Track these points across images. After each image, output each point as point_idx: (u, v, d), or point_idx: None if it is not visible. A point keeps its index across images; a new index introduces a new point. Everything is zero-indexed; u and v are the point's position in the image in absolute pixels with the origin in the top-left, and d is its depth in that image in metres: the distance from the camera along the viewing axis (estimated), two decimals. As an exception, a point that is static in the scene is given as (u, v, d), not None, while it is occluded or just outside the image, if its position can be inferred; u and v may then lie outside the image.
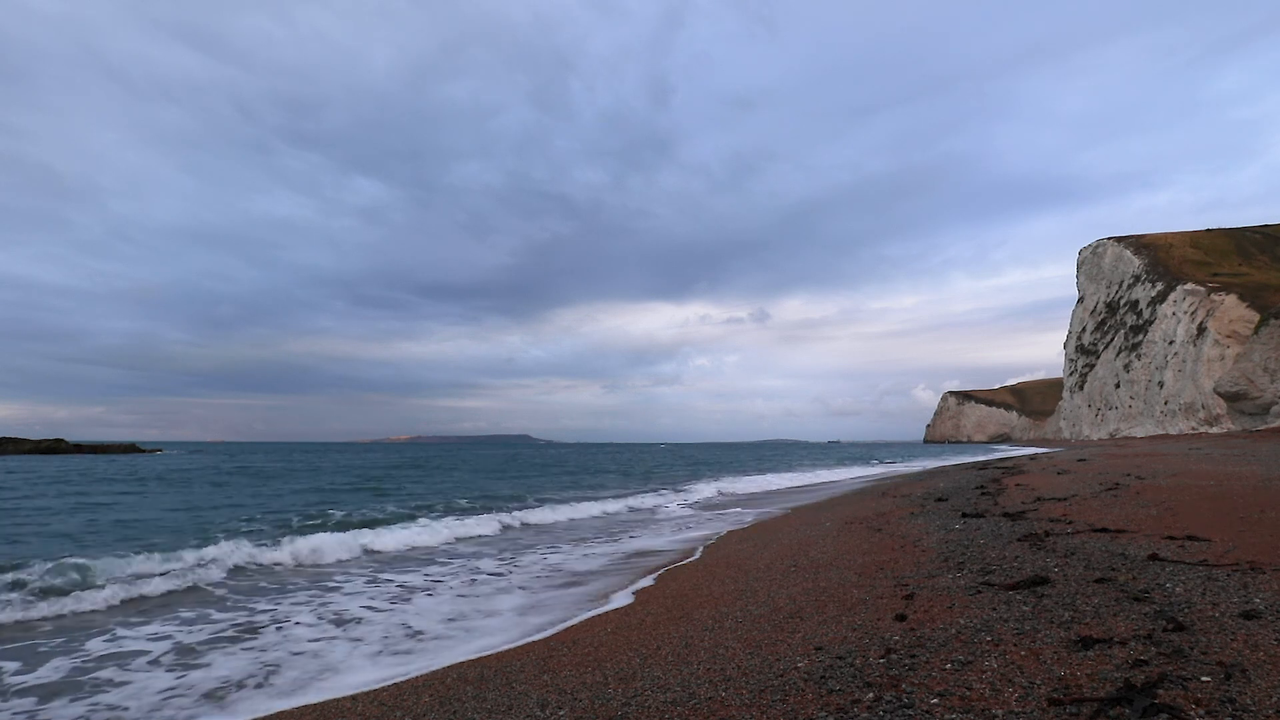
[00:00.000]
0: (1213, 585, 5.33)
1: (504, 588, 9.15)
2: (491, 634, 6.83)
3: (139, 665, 6.17)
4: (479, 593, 8.89)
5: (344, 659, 6.17)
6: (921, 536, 9.40)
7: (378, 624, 7.40)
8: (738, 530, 13.76)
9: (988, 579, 6.22)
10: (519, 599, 8.42)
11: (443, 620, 7.49)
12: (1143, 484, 14.56)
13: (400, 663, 6.00)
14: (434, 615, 7.72)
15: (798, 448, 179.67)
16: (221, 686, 5.54)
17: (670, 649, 5.25)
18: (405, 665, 5.89)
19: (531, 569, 10.50)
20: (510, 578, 9.83)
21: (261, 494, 24.98)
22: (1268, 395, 65.97)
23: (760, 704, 3.83)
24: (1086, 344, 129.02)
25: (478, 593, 8.89)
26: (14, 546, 12.43)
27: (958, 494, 16.00)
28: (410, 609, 8.07)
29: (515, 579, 9.72)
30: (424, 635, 6.92)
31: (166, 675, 5.88)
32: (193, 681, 5.70)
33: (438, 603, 8.37)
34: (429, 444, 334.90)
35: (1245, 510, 9.49)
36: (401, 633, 7.04)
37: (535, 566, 10.71)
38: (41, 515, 17.56)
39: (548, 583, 9.38)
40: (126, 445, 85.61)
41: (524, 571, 10.32)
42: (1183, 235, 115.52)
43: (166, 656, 6.41)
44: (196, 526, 15.43)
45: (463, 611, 7.86)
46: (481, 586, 9.29)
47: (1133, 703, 3.23)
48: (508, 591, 8.89)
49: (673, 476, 36.49)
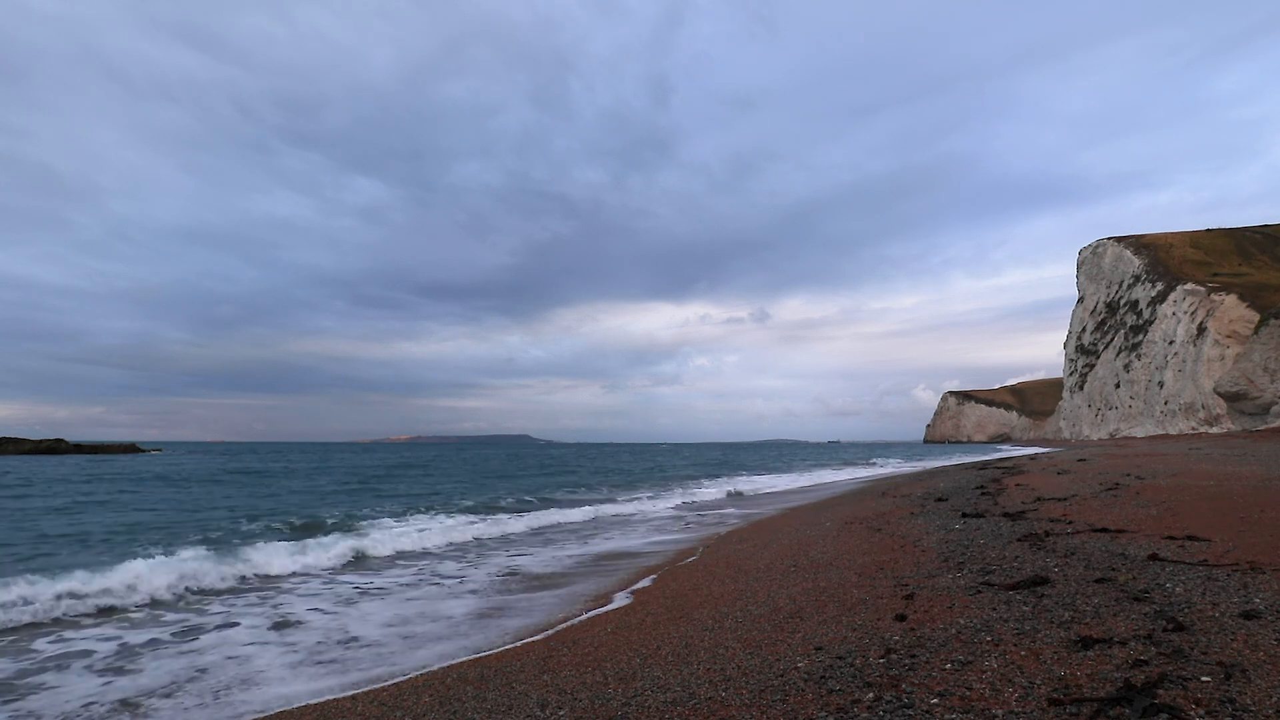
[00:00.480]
0: (1213, 585, 5.32)
1: (456, 591, 9.04)
2: (431, 643, 6.68)
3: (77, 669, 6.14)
4: (428, 595, 8.81)
5: (265, 668, 6.02)
6: (921, 536, 9.40)
7: (316, 629, 7.30)
8: (737, 530, 13.76)
9: (988, 579, 6.22)
10: (471, 604, 8.28)
11: (382, 625, 7.37)
12: (1143, 484, 14.56)
13: (324, 674, 5.84)
14: (376, 620, 7.59)
15: (798, 448, 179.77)
16: (140, 695, 5.43)
17: (670, 649, 5.25)
18: (327, 680, 5.69)
19: (491, 571, 10.38)
20: (467, 581, 9.68)
21: (232, 498, 24.39)
22: (1268, 395, 65.97)
23: (760, 704, 3.83)
24: (1086, 344, 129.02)
25: (427, 595, 8.81)
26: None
27: (958, 494, 16.00)
28: (354, 613, 7.98)
29: (471, 583, 9.57)
30: (357, 643, 6.76)
31: (96, 679, 5.85)
32: (107, 688, 5.61)
33: (384, 606, 8.28)
34: (429, 444, 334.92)
35: (1245, 510, 9.49)
36: (336, 638, 6.90)
37: (496, 569, 10.60)
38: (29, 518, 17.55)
39: (504, 586, 9.26)
40: (127, 445, 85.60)
41: (482, 574, 10.19)
42: (1183, 235, 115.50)
43: (102, 660, 6.36)
44: (169, 531, 14.78)
45: (406, 616, 7.74)
46: (432, 589, 9.19)
47: (1133, 703, 3.23)
48: (457, 595, 8.78)
49: (671, 476, 36.48)
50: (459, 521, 16.11)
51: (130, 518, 17.34)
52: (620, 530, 15.29)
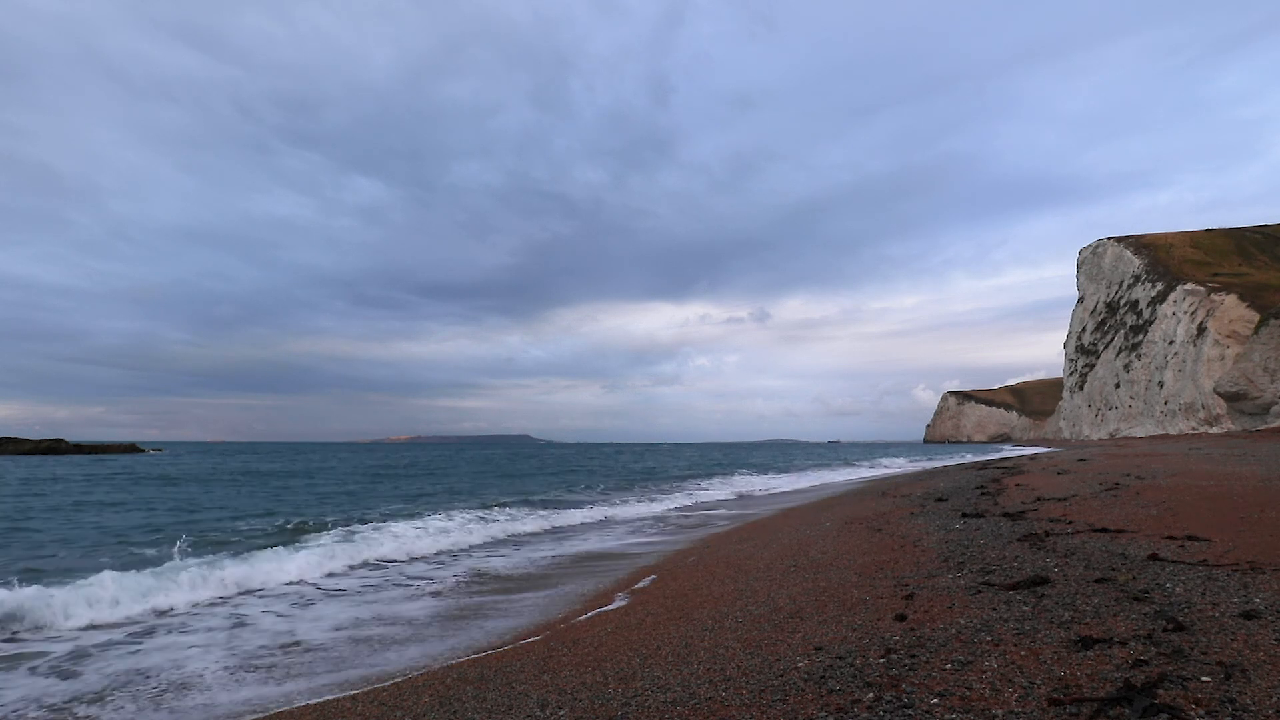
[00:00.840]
0: (1213, 585, 5.32)
1: (415, 593, 8.95)
2: (385, 647, 6.60)
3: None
4: (385, 598, 8.74)
5: (200, 672, 5.96)
6: (921, 536, 9.40)
7: (264, 631, 7.26)
8: (737, 530, 13.76)
9: (988, 579, 6.22)
10: (431, 606, 8.16)
11: (333, 629, 7.28)
12: (1143, 484, 14.56)
13: (258, 681, 5.72)
14: (327, 624, 7.51)
15: (797, 448, 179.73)
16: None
17: (670, 649, 5.25)
18: (261, 688, 5.55)
19: (459, 573, 10.28)
20: (435, 582, 9.59)
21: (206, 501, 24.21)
22: (1268, 395, 65.98)
23: (760, 704, 3.83)
24: (1086, 344, 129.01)
25: (384, 598, 8.74)
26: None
27: (958, 494, 15.99)
28: (307, 615, 7.93)
29: (434, 584, 9.46)
30: (298, 647, 6.64)
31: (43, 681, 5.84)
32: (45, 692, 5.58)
33: (339, 608, 8.22)
34: (429, 444, 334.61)
35: (1245, 510, 9.49)
36: (280, 642, 6.81)
37: (464, 570, 10.52)
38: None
39: (468, 591, 9.13)
40: (127, 445, 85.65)
41: (448, 575, 10.06)
42: (1183, 235, 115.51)
43: (49, 662, 6.35)
44: (123, 541, 13.78)
45: (360, 619, 7.66)
46: (397, 591, 9.09)
47: (1133, 703, 3.23)
48: (417, 598, 8.71)
49: (671, 476, 36.47)
50: (450, 524, 15.87)
51: (117, 521, 17.32)
52: (617, 530, 15.29)
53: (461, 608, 8.12)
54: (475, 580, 9.83)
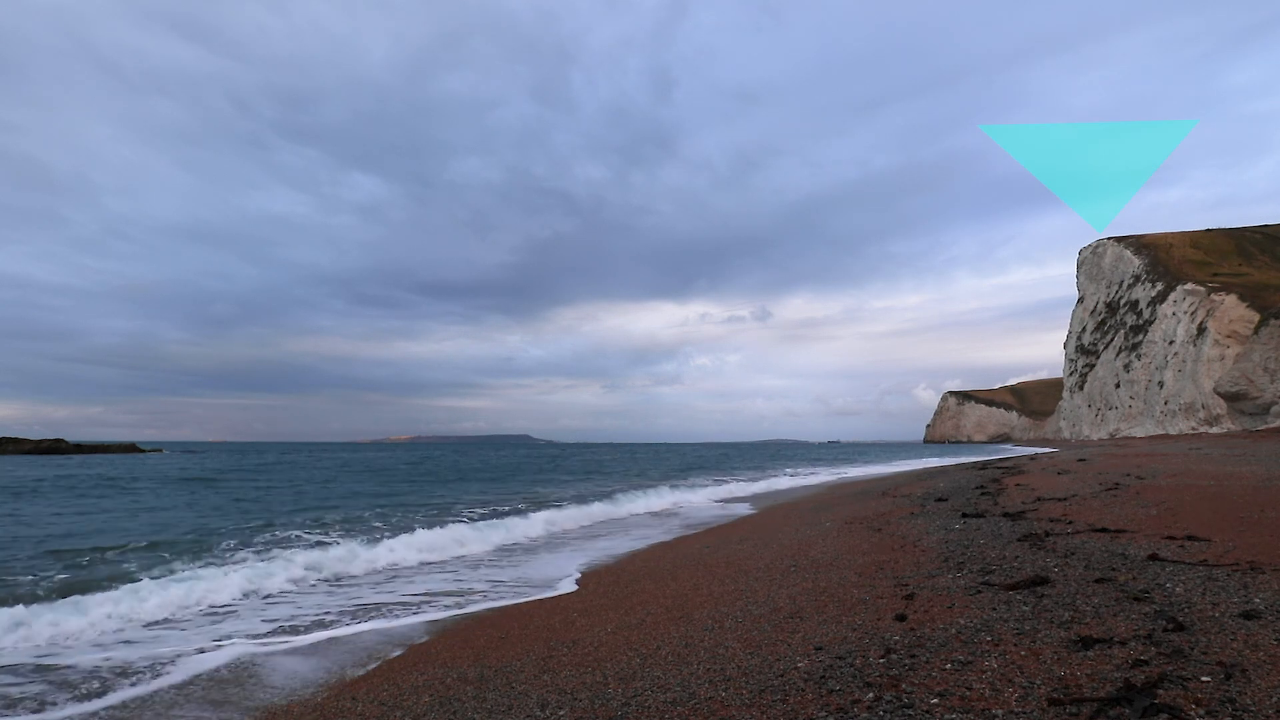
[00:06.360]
0: (1213, 585, 5.33)
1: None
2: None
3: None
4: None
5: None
6: (921, 536, 9.40)
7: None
8: (737, 530, 13.75)
9: (988, 579, 6.22)
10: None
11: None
12: (1143, 484, 14.56)
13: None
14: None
15: (797, 448, 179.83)
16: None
17: (670, 649, 5.25)
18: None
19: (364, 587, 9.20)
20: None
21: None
22: (1268, 395, 66.00)
23: (760, 704, 3.83)
24: (1086, 344, 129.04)
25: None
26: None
27: (958, 494, 16.00)
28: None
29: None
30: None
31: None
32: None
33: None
34: (428, 444, 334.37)
35: (1245, 510, 9.50)
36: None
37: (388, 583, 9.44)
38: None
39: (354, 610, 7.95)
40: (126, 445, 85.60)
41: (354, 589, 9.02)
42: (1183, 235, 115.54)
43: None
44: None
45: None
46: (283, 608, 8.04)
47: (1133, 703, 3.23)
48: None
49: (671, 476, 36.46)
50: (434, 535, 12.99)
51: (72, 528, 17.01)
52: (614, 531, 15.29)
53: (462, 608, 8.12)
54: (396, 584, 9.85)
